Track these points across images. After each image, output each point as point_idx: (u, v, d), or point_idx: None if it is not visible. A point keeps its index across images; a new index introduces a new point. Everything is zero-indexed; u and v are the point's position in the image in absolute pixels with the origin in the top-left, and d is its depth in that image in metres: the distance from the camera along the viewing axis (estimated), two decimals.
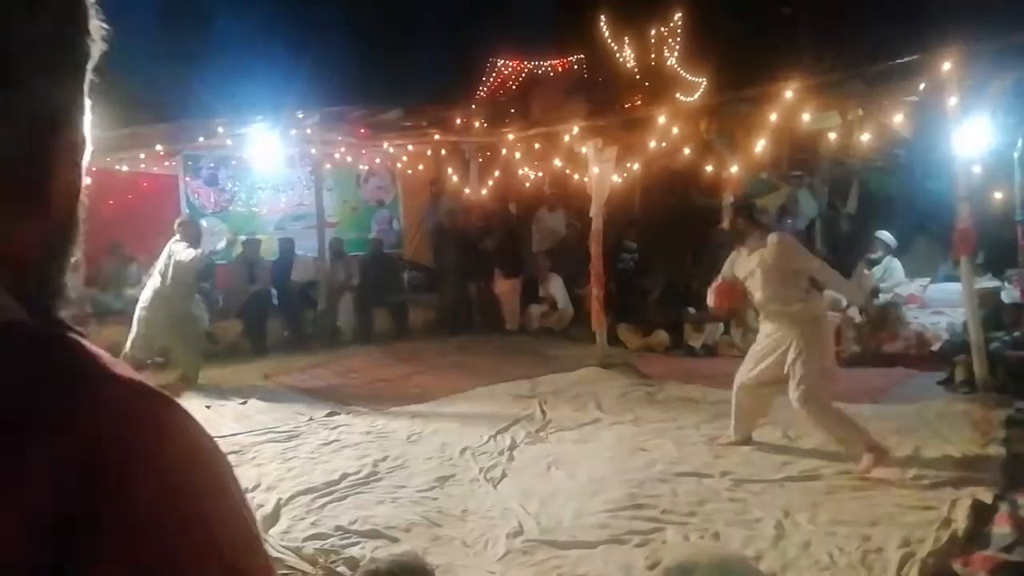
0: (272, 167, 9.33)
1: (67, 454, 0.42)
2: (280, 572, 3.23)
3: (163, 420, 0.48)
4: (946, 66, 5.32)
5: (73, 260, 0.56)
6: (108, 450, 0.43)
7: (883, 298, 7.39)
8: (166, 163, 9.19)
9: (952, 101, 5.34)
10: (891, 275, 7.47)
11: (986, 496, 3.61)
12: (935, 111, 5.61)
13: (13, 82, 0.48)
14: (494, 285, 9.73)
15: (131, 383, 0.47)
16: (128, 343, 6.55)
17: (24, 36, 0.49)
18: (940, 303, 7.41)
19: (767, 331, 4.51)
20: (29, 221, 0.50)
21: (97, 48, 0.54)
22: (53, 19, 0.50)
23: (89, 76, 0.54)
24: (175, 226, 6.80)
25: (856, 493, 3.83)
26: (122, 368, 0.48)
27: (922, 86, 5.74)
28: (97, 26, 0.53)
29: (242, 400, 6.32)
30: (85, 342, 0.48)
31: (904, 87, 6.02)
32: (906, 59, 5.72)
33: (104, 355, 0.48)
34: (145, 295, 6.66)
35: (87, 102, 0.54)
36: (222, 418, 5.77)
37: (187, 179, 9.51)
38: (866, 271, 7.59)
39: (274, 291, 9.07)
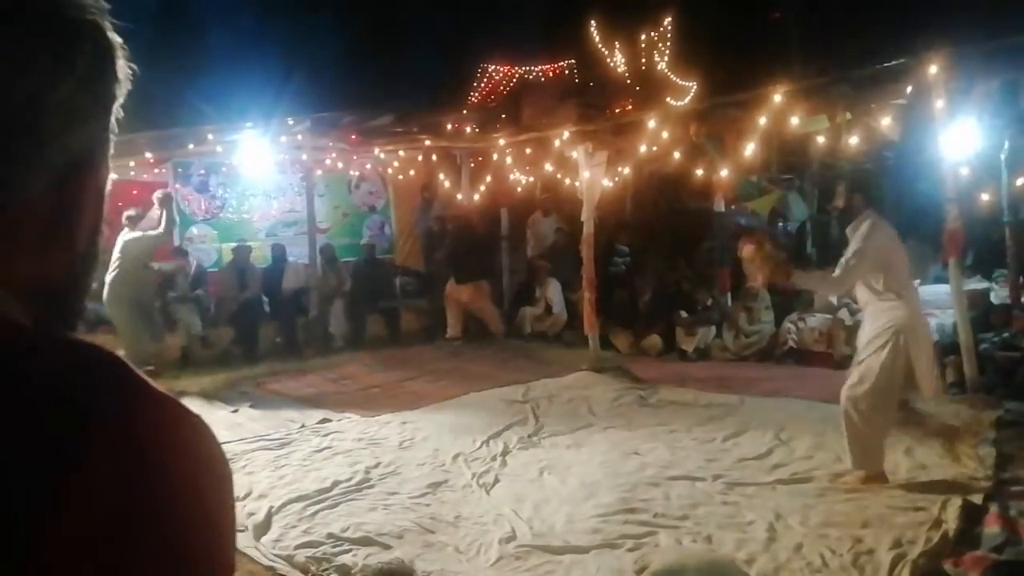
0: (263, 173, 9.31)
1: (107, 466, 0.44)
2: None
3: (194, 436, 0.52)
4: (933, 69, 5.37)
5: (94, 285, 0.59)
6: (145, 464, 0.46)
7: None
8: (156, 170, 9.15)
9: (939, 104, 5.39)
10: None
11: (976, 497, 3.63)
12: (922, 114, 5.65)
13: (46, 134, 0.50)
14: (446, 291, 9.40)
15: (166, 399, 0.50)
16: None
17: (58, 89, 0.50)
18: (930, 305, 7.41)
19: None
20: (55, 254, 0.53)
21: (123, 89, 0.55)
22: (85, 68, 0.52)
23: (114, 116, 0.55)
24: (123, 219, 7.13)
25: (847, 495, 3.84)
26: (155, 384, 0.51)
27: (909, 89, 5.79)
28: (123, 66, 0.55)
29: (233, 408, 6.29)
30: (122, 358, 0.50)
31: (891, 90, 6.07)
32: (893, 63, 5.77)
33: (138, 370, 0.51)
34: (105, 293, 6.87)
35: (111, 139, 0.56)
36: (213, 426, 5.65)
37: (177, 186, 9.47)
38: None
39: (265, 298, 9.04)
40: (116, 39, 0.54)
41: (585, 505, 3.84)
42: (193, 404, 5.94)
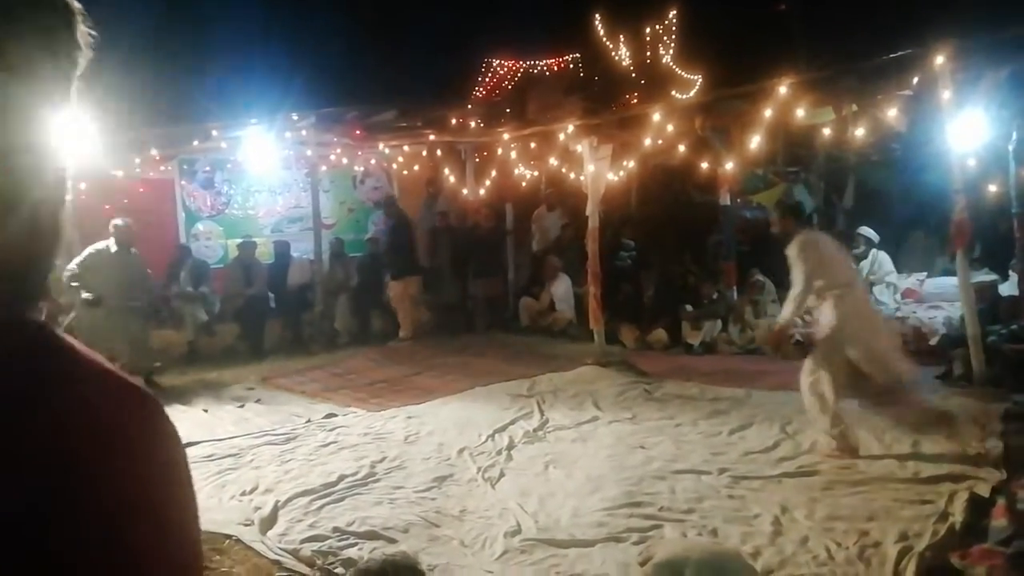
0: (268, 169, 9.33)
1: (45, 443, 0.44)
2: (278, 575, 3.23)
3: (138, 414, 0.50)
4: (940, 60, 5.33)
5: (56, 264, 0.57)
6: (83, 440, 0.45)
7: (876, 291, 7.40)
8: (162, 167, 9.17)
9: (946, 95, 5.34)
10: (880, 267, 7.50)
11: (983, 489, 3.62)
12: (929, 105, 5.61)
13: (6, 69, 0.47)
14: (387, 289, 9.29)
15: (108, 375, 0.49)
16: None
17: (16, 29, 0.47)
18: (937, 297, 7.42)
19: None
20: (13, 233, 0.50)
21: (84, 57, 0.52)
22: (43, 23, 0.49)
23: (75, 86, 0.52)
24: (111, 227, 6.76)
25: (853, 488, 3.83)
26: (100, 361, 0.49)
27: (916, 80, 5.74)
28: (84, 32, 0.52)
29: (239, 403, 6.31)
30: (67, 336, 0.49)
31: (898, 81, 6.02)
32: (900, 53, 5.73)
33: (83, 348, 0.49)
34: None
35: (74, 113, 0.53)
36: (220, 421, 5.76)
37: (183, 183, 9.50)
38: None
39: (271, 294, 9.07)
40: (76, 5, 0.51)
41: (591, 499, 3.83)
42: (199, 399, 5.99)
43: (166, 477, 0.50)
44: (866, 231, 7.62)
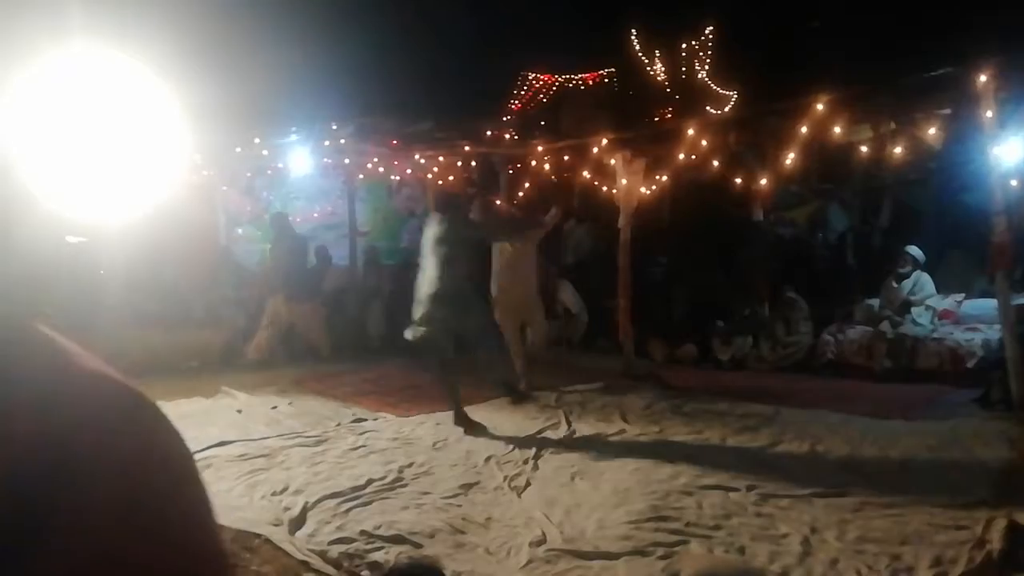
0: (306, 177, 9.50)
1: (31, 442, 0.43)
2: (305, 575, 3.28)
3: (127, 414, 0.49)
4: (982, 78, 5.25)
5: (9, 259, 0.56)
6: (71, 440, 0.45)
7: (915, 312, 7.26)
8: (203, 172, 9.40)
9: (988, 114, 5.26)
10: (921, 288, 7.35)
11: (1023, 517, 3.53)
12: (970, 124, 5.53)
13: None
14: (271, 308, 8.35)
15: (101, 375, 0.48)
16: None
17: None
18: (976, 319, 7.25)
19: None
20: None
21: None
22: None
23: None
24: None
25: (886, 511, 3.76)
26: (91, 360, 0.49)
27: (957, 99, 5.66)
28: None
29: (273, 405, 6.42)
30: (61, 337, 0.50)
31: (938, 100, 5.94)
32: (940, 71, 5.65)
33: (73, 346, 0.50)
34: None
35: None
36: (253, 422, 5.87)
37: (223, 188, 9.72)
38: (894, 285, 7.47)
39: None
40: None
41: (616, 511, 3.82)
42: (235, 401, 6.10)
43: (163, 474, 0.49)
44: (913, 251, 7.49)
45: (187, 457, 0.53)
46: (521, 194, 9.75)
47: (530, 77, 15.83)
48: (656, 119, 11.57)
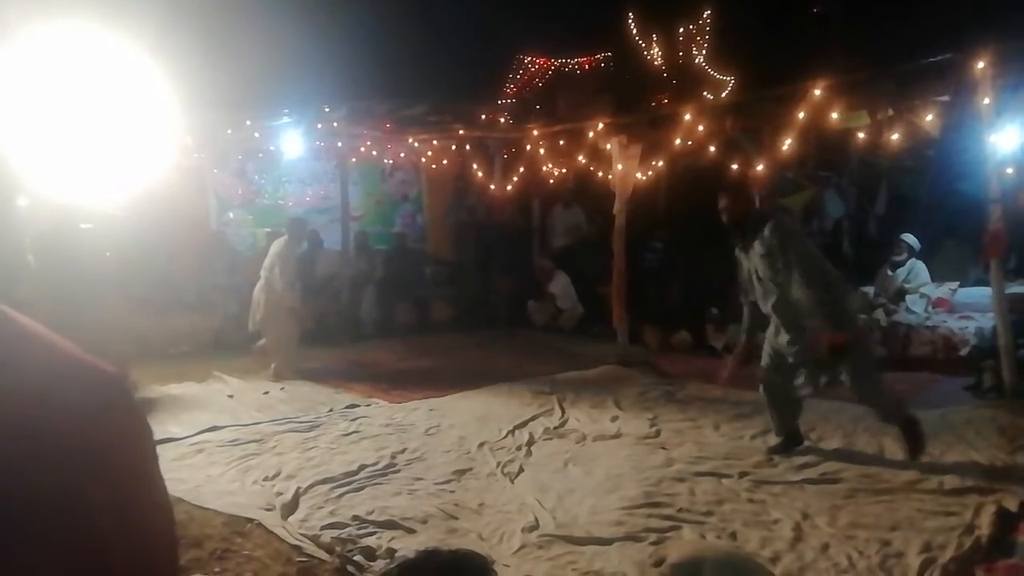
0: (298, 160, 9.42)
1: (9, 417, 0.44)
2: (298, 559, 3.27)
3: (99, 391, 0.50)
4: (980, 65, 5.22)
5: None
6: (47, 423, 0.45)
7: (909, 299, 7.28)
8: (194, 155, 9.31)
9: (985, 101, 5.24)
10: (916, 277, 7.37)
11: (1011, 503, 3.55)
12: (967, 111, 5.50)
13: None
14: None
15: (69, 354, 0.49)
16: None
17: None
18: (969, 307, 7.27)
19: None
20: None
21: None
22: None
23: None
24: None
25: (877, 497, 3.78)
26: (62, 342, 0.50)
27: (954, 86, 5.63)
28: None
29: (265, 390, 6.40)
30: (27, 319, 0.50)
31: (936, 87, 5.91)
32: (939, 58, 5.62)
33: (42, 329, 0.50)
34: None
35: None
36: (245, 407, 5.85)
37: (214, 171, 9.63)
38: (890, 273, 7.48)
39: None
40: None
41: (609, 497, 3.83)
42: (226, 386, 6.08)
43: (128, 449, 0.51)
44: (909, 238, 7.49)
45: (151, 438, 0.54)
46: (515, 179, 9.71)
47: (526, 61, 15.70)
48: (653, 104, 11.50)
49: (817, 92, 6.01)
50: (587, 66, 15.69)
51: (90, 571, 0.45)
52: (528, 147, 9.12)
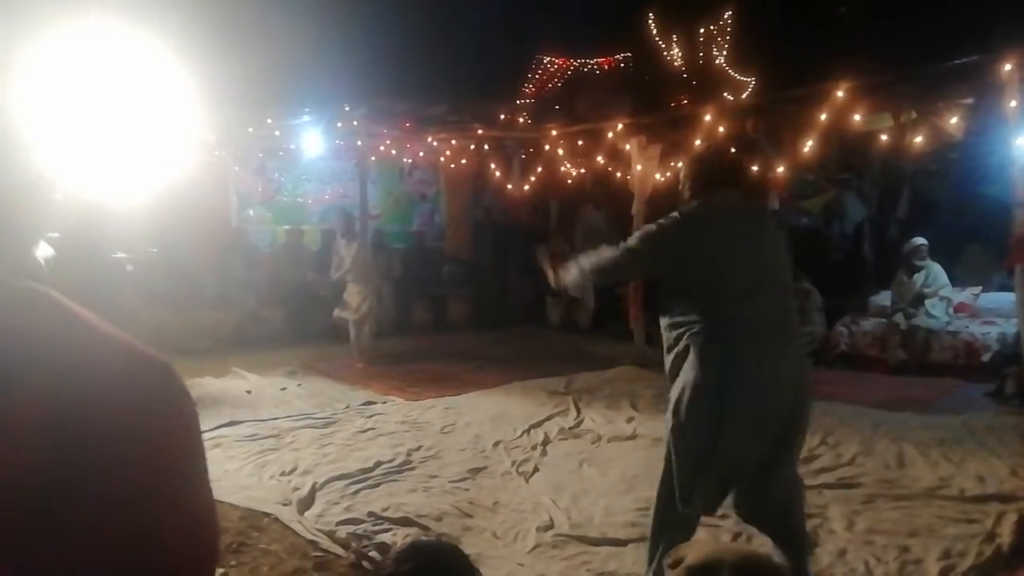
0: (318, 158, 9.48)
1: (51, 405, 0.45)
2: (313, 554, 3.30)
3: (148, 377, 0.51)
4: (1007, 68, 5.15)
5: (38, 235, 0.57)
6: (90, 404, 0.46)
7: (928, 303, 7.17)
8: (216, 152, 9.39)
9: (1012, 104, 5.16)
10: (935, 280, 7.23)
11: None
12: (992, 114, 5.43)
13: None
14: None
15: (119, 341, 0.50)
16: None
17: None
18: (992, 313, 7.17)
19: None
20: None
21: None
22: None
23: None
24: None
25: (895, 503, 3.74)
26: (106, 326, 0.51)
27: (980, 89, 5.56)
28: None
29: (282, 386, 6.46)
30: (64, 299, 0.51)
31: (960, 89, 5.84)
32: (964, 60, 5.55)
33: (86, 312, 0.51)
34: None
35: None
36: (262, 402, 5.90)
37: (235, 169, 9.73)
38: (906, 279, 7.34)
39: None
40: None
41: (624, 498, 3.82)
42: (245, 381, 6.12)
43: (179, 434, 0.51)
44: (922, 241, 7.41)
45: (199, 428, 0.55)
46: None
47: (545, 61, 15.69)
48: (672, 104, 11.45)
49: (840, 94, 5.96)
50: (606, 66, 15.65)
51: (143, 560, 0.45)
52: (547, 147, 9.11)
